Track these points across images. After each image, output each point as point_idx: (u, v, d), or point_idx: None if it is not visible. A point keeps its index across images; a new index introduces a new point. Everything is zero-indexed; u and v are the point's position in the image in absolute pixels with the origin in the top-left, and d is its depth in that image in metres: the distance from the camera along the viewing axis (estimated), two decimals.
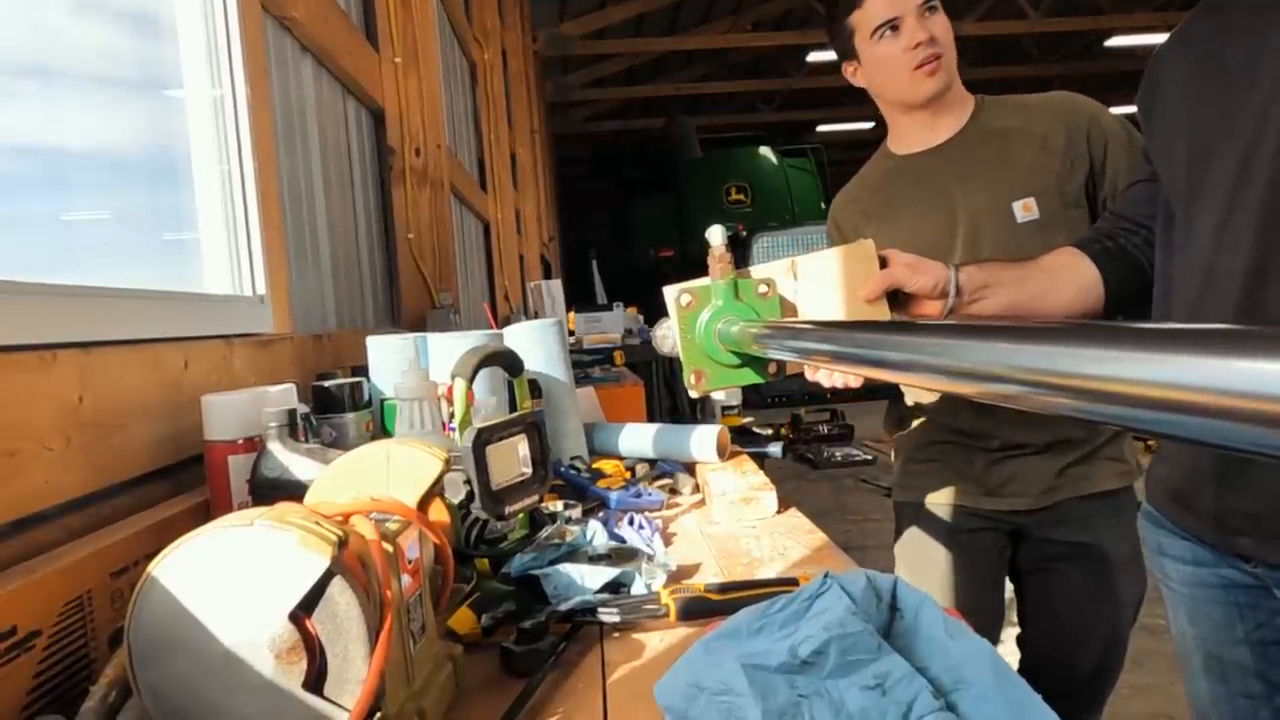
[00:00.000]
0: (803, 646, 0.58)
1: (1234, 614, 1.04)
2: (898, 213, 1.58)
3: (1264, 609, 1.01)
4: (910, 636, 0.63)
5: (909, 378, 0.55)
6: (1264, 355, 0.26)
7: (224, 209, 1.47)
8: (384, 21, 2.65)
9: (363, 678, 0.59)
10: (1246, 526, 0.96)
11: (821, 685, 0.57)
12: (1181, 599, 1.10)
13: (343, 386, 1.27)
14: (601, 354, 4.47)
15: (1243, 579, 1.01)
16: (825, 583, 0.64)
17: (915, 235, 1.53)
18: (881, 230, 1.58)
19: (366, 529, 0.65)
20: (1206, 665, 1.09)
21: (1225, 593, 1.04)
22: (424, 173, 2.81)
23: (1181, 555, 1.08)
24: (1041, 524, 1.57)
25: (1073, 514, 1.54)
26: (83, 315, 0.98)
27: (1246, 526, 0.96)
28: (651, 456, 1.63)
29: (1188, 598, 1.09)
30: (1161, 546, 1.11)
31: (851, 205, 1.69)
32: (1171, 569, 1.10)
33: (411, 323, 2.63)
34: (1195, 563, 1.06)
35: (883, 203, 1.62)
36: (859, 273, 1.16)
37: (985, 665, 0.58)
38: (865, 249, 1.17)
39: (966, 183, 1.52)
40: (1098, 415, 0.34)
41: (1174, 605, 1.12)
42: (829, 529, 1.27)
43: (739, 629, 0.63)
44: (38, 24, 1.08)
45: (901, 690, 0.56)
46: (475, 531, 1.09)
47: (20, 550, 0.79)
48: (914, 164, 1.59)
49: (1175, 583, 1.10)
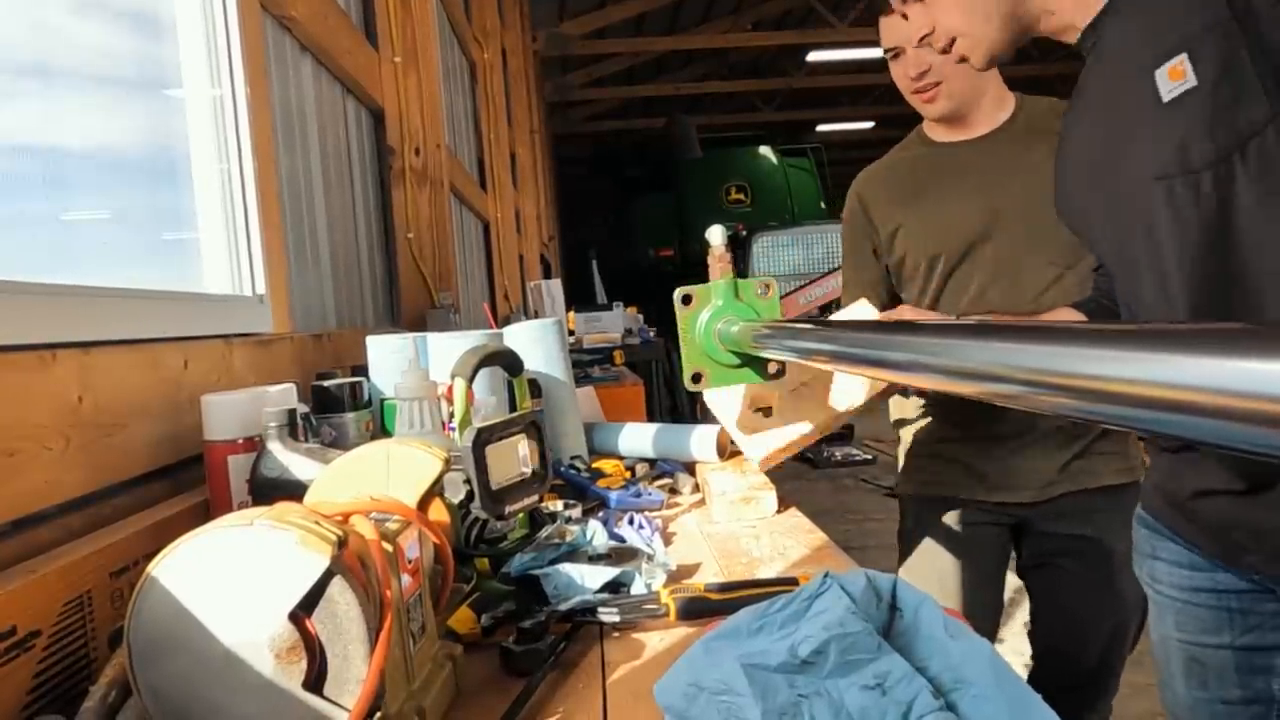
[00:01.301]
0: (803, 646, 0.58)
1: (1224, 618, 1.04)
2: (930, 200, 1.59)
3: (1255, 614, 1.02)
4: (910, 636, 0.63)
5: (909, 378, 0.55)
6: (1264, 355, 0.25)
7: (223, 209, 1.47)
8: (384, 21, 2.65)
9: (363, 678, 0.59)
10: (1251, 543, 0.96)
11: (821, 685, 0.57)
12: (1170, 603, 1.10)
13: (342, 386, 1.27)
14: (601, 353, 4.47)
15: (1239, 585, 1.02)
16: (825, 582, 0.64)
17: (947, 225, 1.54)
18: (910, 216, 1.59)
19: (366, 529, 0.65)
20: (1187, 670, 1.09)
21: (1218, 597, 1.04)
22: (424, 172, 2.81)
23: (1176, 560, 1.08)
24: (1043, 517, 1.58)
25: (1074, 508, 1.55)
26: (82, 315, 0.98)
27: (1251, 543, 0.96)
28: (651, 456, 1.63)
29: (1177, 601, 1.09)
30: (1155, 550, 1.11)
31: (879, 185, 1.69)
32: (1163, 573, 1.10)
33: (411, 322, 2.63)
34: (1191, 567, 1.06)
35: (914, 188, 1.62)
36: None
37: (985, 665, 0.58)
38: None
39: (1005, 178, 1.53)
40: (1098, 415, 0.34)
41: (1160, 609, 1.13)
42: (829, 529, 1.27)
43: (739, 629, 0.63)
44: (38, 23, 1.08)
45: (901, 690, 0.56)
46: (475, 531, 1.09)
47: (20, 550, 0.79)
48: (951, 153, 1.60)
49: (1165, 586, 1.11)
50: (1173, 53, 0.85)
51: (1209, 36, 0.82)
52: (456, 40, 4.39)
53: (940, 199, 1.57)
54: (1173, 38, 0.85)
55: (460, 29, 4.43)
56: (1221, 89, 0.82)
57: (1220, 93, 0.82)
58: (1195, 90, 0.83)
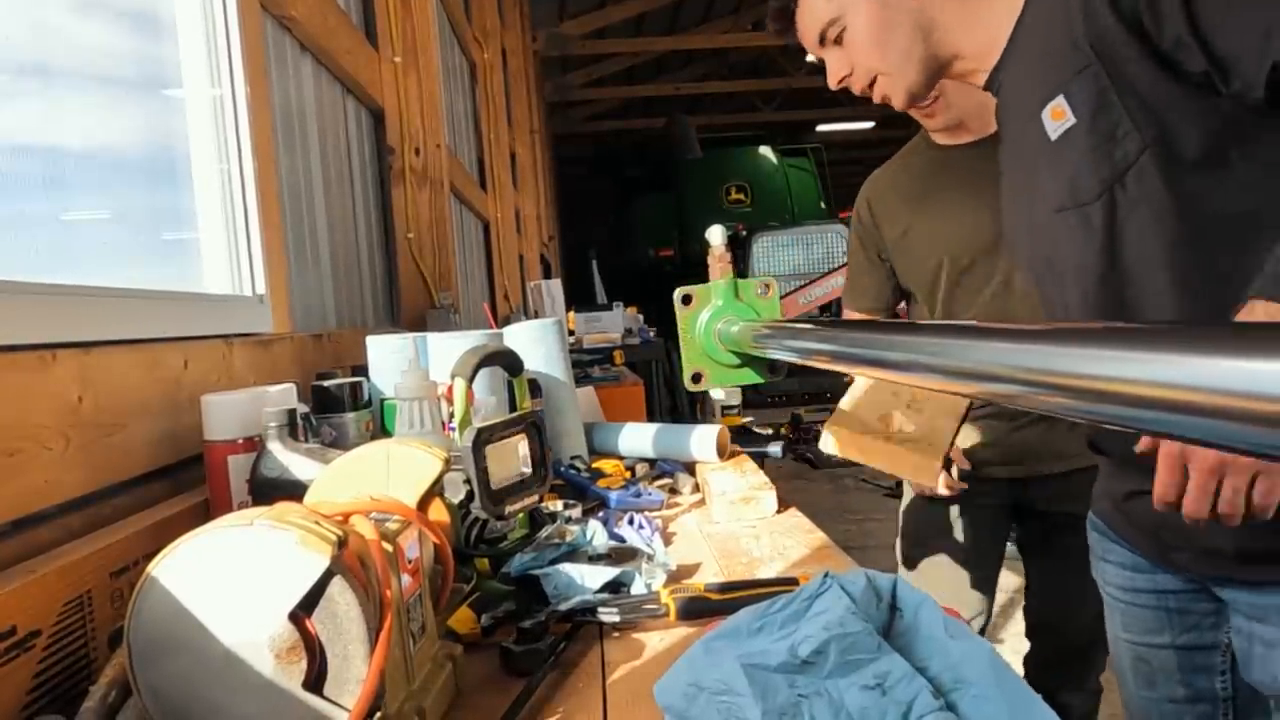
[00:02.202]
0: (803, 646, 0.58)
1: (1165, 618, 1.07)
2: (938, 204, 1.59)
3: (1192, 613, 1.04)
4: (910, 636, 0.63)
5: (909, 378, 0.55)
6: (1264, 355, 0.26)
7: (223, 209, 1.47)
8: (384, 21, 2.65)
9: (362, 677, 0.59)
10: (1180, 541, 0.98)
11: (821, 685, 0.57)
12: (1116, 604, 1.13)
13: (342, 386, 1.27)
14: (601, 353, 4.47)
15: (1175, 585, 1.04)
16: (825, 582, 0.64)
17: (955, 230, 1.54)
18: (919, 219, 1.59)
19: (366, 529, 0.65)
20: (1135, 670, 1.12)
21: (1158, 598, 1.07)
22: (424, 172, 2.81)
23: (1121, 561, 1.10)
24: (1044, 495, 1.62)
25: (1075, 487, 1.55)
26: (83, 315, 0.98)
27: (1180, 541, 0.98)
28: (651, 456, 1.63)
29: (1122, 602, 1.12)
30: (1104, 552, 1.14)
31: (887, 188, 1.69)
32: (1111, 574, 1.13)
33: (411, 322, 2.63)
34: (1134, 569, 1.09)
35: (922, 191, 1.63)
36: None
37: (985, 665, 0.58)
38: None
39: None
40: (1098, 415, 0.34)
41: (1110, 610, 1.15)
42: (829, 529, 1.27)
43: (739, 629, 0.63)
44: (38, 23, 1.08)
45: (901, 690, 0.56)
46: (475, 531, 1.09)
47: (20, 550, 0.79)
48: (959, 156, 1.59)
49: (1113, 588, 1.13)
50: (1053, 95, 0.90)
51: (1080, 79, 0.87)
52: (456, 40, 4.39)
53: (950, 203, 1.57)
54: (1052, 81, 0.90)
55: (460, 29, 4.43)
56: (1098, 125, 0.86)
57: (1097, 129, 0.87)
58: (1075, 128, 0.88)
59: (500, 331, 1.63)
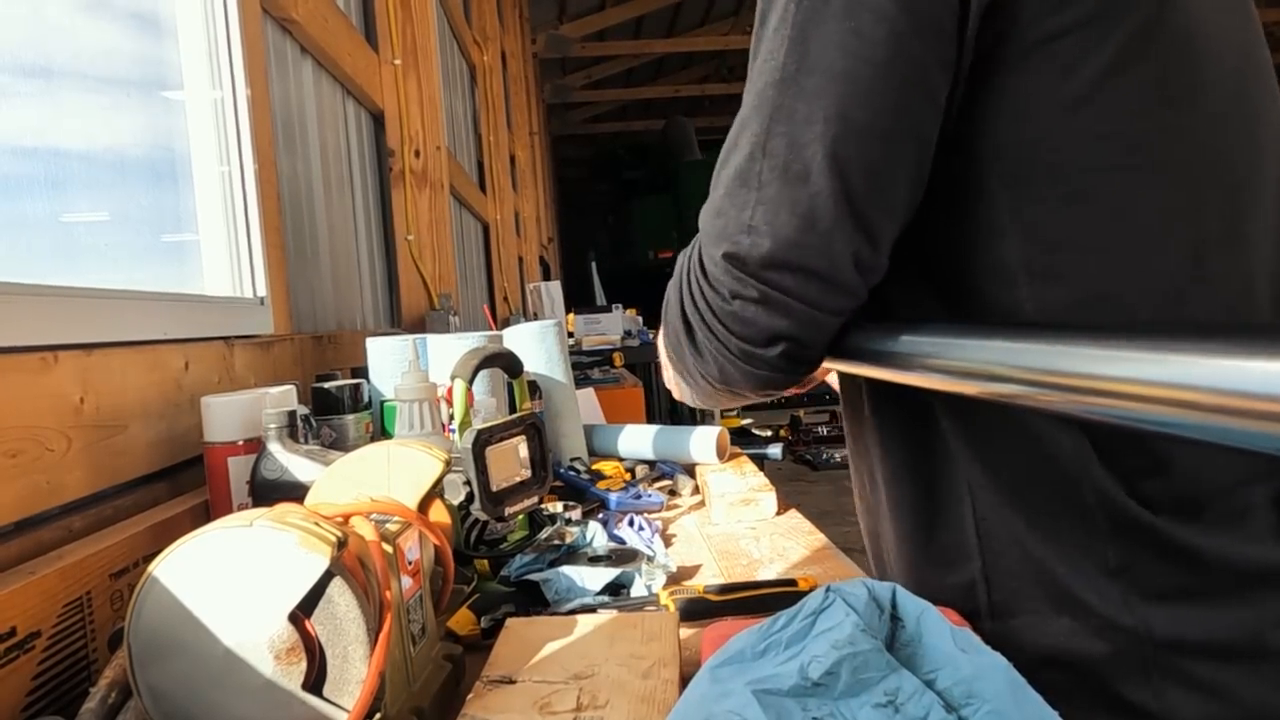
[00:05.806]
0: (813, 667, 0.57)
1: None
2: None
3: None
4: (914, 647, 0.62)
5: (909, 377, 0.55)
6: (1264, 355, 0.26)
7: (224, 210, 1.47)
8: (384, 23, 2.65)
9: (362, 678, 0.59)
10: None
11: (834, 706, 0.56)
12: None
13: (342, 388, 1.27)
14: (601, 355, 4.46)
15: None
16: (828, 597, 0.63)
17: None
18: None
19: (366, 530, 0.65)
20: None
21: None
22: (423, 174, 2.81)
23: None
24: None
25: None
26: (84, 317, 0.98)
27: None
28: (651, 458, 1.63)
29: None
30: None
31: None
32: None
33: (411, 324, 2.63)
34: None
35: None
36: None
37: (1000, 680, 0.56)
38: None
39: None
40: (1098, 415, 0.34)
41: None
42: (829, 530, 1.27)
43: (743, 652, 0.62)
44: (39, 24, 1.09)
45: (913, 706, 0.55)
46: (475, 533, 1.09)
47: (20, 551, 0.79)
48: None
49: None
50: None
51: None
52: (456, 43, 4.39)
53: None
54: None
55: (460, 32, 4.43)
56: None
57: None
58: None
59: (500, 333, 1.63)
